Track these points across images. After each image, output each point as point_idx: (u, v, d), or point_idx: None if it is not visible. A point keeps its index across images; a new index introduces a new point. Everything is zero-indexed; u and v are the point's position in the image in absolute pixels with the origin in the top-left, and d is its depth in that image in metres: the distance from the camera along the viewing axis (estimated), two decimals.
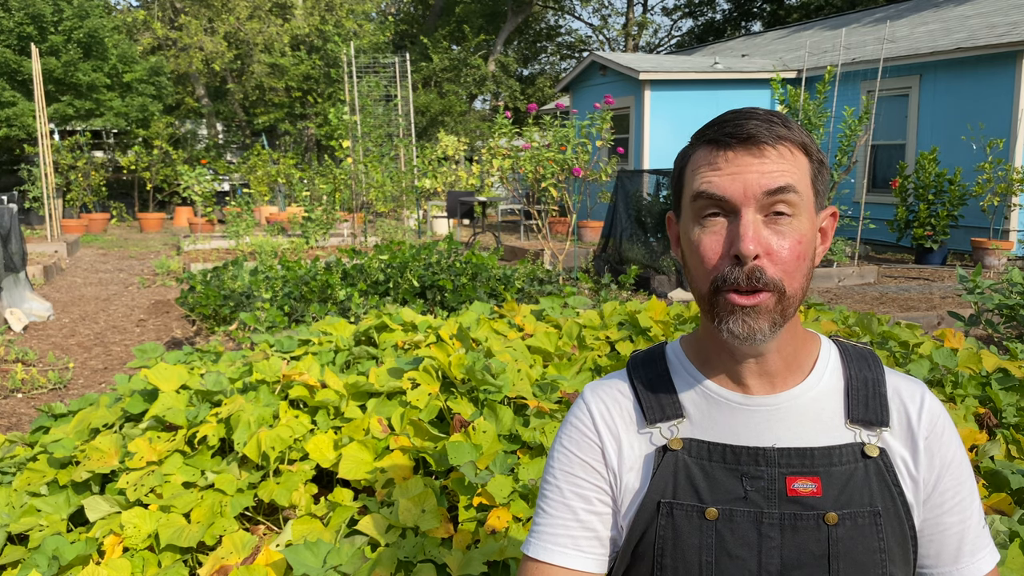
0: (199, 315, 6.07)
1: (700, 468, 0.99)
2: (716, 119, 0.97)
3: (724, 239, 0.93)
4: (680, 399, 1.03)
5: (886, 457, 0.98)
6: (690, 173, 0.99)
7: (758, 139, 0.93)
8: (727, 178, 0.93)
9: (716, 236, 0.94)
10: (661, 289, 8.01)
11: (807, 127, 9.22)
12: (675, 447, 1.00)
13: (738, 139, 0.93)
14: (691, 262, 0.98)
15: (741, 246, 0.91)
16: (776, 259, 0.92)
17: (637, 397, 1.05)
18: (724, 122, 0.95)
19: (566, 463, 1.05)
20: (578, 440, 1.05)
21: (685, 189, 1.00)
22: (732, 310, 0.93)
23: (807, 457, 0.97)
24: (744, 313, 0.93)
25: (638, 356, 1.11)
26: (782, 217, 0.93)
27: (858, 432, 0.99)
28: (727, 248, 0.93)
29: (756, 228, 0.92)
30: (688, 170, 0.99)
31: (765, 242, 0.92)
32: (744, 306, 0.92)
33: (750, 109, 0.96)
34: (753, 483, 0.97)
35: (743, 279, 0.91)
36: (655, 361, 1.08)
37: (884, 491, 0.97)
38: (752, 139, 0.93)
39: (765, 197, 0.92)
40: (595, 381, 1.11)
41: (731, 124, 0.94)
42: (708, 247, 0.94)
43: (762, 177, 0.92)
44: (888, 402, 1.01)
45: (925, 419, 1.01)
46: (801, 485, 0.96)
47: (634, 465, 1.02)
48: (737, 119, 0.94)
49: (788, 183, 0.92)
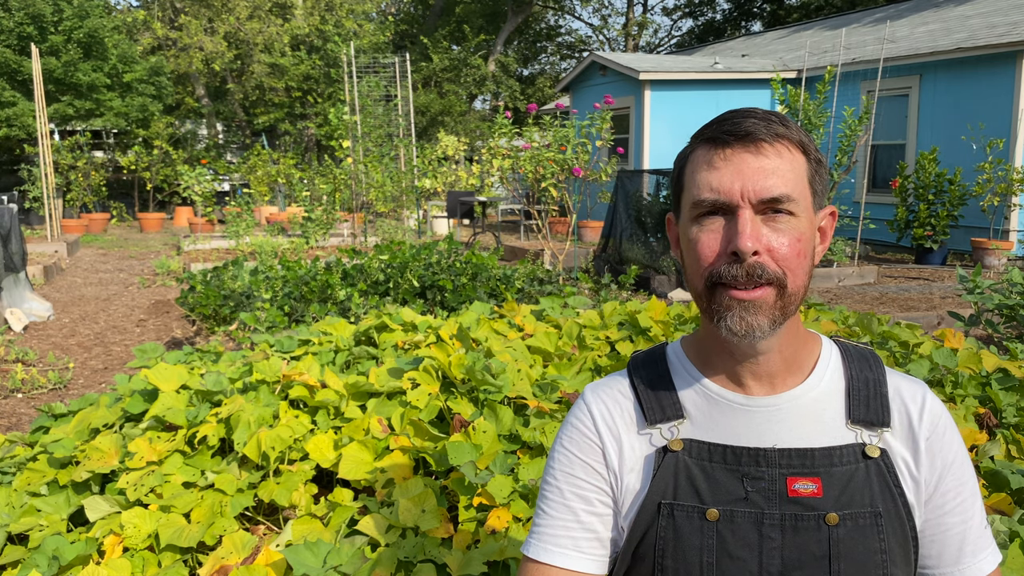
0: (199, 315, 6.07)
1: (701, 469, 0.99)
2: (715, 119, 0.98)
3: (722, 237, 0.93)
4: (681, 400, 1.03)
5: (887, 458, 0.98)
6: (689, 173, 0.99)
7: (756, 136, 0.93)
8: (726, 176, 0.93)
9: (714, 234, 0.94)
10: (661, 289, 8.01)
11: (807, 127, 9.22)
12: (675, 448, 1.00)
13: (736, 137, 0.93)
14: (689, 260, 0.98)
15: (739, 243, 0.90)
16: (776, 255, 0.92)
17: (638, 398, 1.05)
18: (722, 121, 0.96)
19: (566, 464, 1.05)
20: (579, 441, 1.05)
21: (684, 189, 1.00)
22: (730, 306, 0.93)
23: (807, 458, 0.96)
24: (743, 308, 0.92)
25: (639, 356, 1.11)
26: (780, 215, 0.93)
27: (859, 433, 0.99)
28: (724, 245, 0.93)
29: (754, 225, 0.92)
30: (687, 170, 0.99)
31: (764, 239, 0.92)
32: (743, 300, 0.92)
33: (748, 109, 0.97)
34: (754, 484, 0.96)
35: (742, 276, 0.91)
36: (656, 362, 1.08)
37: (885, 492, 0.97)
38: (750, 136, 0.93)
39: (761, 204, 0.92)
40: (596, 382, 1.11)
41: (729, 123, 0.95)
42: (705, 244, 0.94)
43: (760, 176, 0.92)
44: (889, 403, 1.01)
45: (927, 419, 1.00)
46: (802, 486, 0.95)
47: (635, 466, 1.02)
48: (735, 118, 0.95)
49: (784, 192, 0.92)
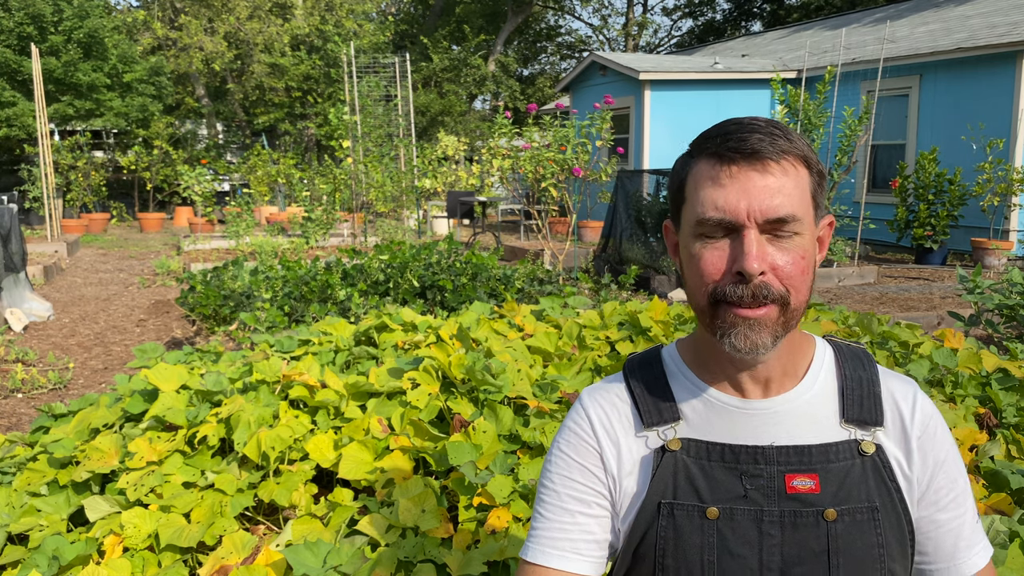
0: (199, 315, 6.07)
1: (699, 468, 0.99)
2: (717, 130, 0.96)
3: (727, 256, 0.93)
4: (677, 402, 1.04)
5: (882, 453, 0.99)
6: (692, 187, 0.97)
7: (762, 155, 0.92)
8: (731, 196, 0.91)
9: (718, 252, 0.93)
10: (661, 289, 8.02)
11: (807, 127, 9.22)
12: (674, 448, 1.00)
13: (742, 154, 0.92)
14: (690, 275, 0.98)
15: (746, 264, 0.90)
16: (781, 274, 0.92)
17: (634, 401, 1.06)
18: (727, 135, 0.93)
19: (564, 467, 1.05)
20: (576, 445, 1.05)
21: (686, 202, 0.98)
22: (735, 323, 0.93)
23: (805, 455, 0.98)
24: (747, 326, 0.92)
25: (635, 359, 1.12)
26: (785, 234, 0.93)
27: (853, 431, 1.00)
28: (730, 265, 0.93)
29: (760, 246, 0.91)
30: (689, 183, 0.98)
31: (769, 259, 0.92)
32: (748, 318, 0.92)
33: (751, 121, 0.95)
34: (752, 481, 0.97)
35: (748, 296, 0.91)
36: (651, 364, 1.09)
37: (881, 487, 0.98)
38: (756, 155, 0.92)
39: (767, 224, 0.92)
40: (592, 386, 1.12)
41: (734, 138, 0.92)
42: (709, 263, 0.94)
43: (766, 196, 0.91)
44: (882, 402, 1.02)
45: (918, 419, 1.02)
46: (800, 482, 0.97)
47: (633, 469, 1.03)
48: (740, 132, 0.93)
49: (790, 212, 0.92)
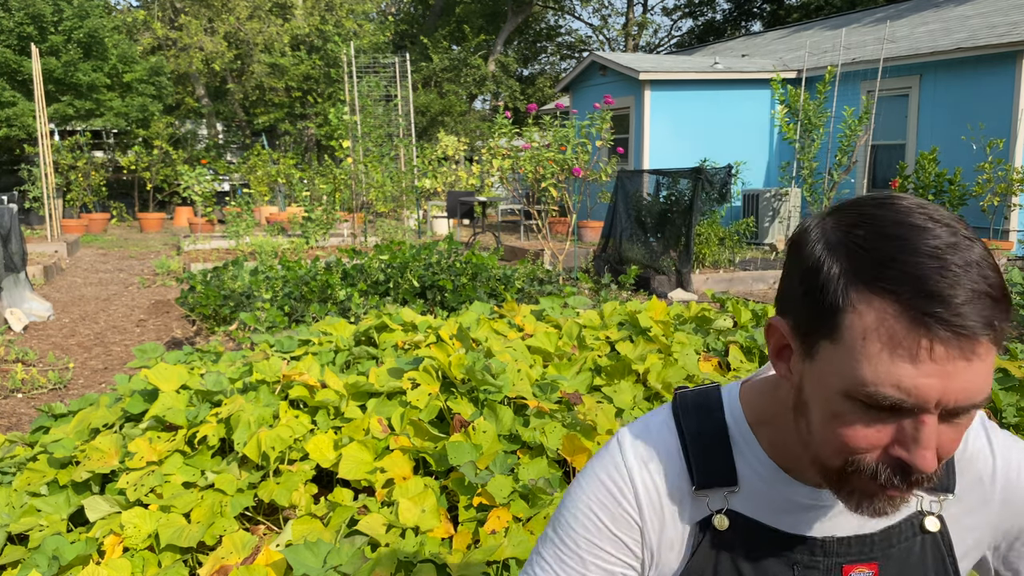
0: (199, 315, 6.08)
1: (746, 549, 0.90)
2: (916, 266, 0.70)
3: (888, 435, 0.74)
4: (737, 467, 0.91)
5: (945, 530, 0.92)
6: (857, 333, 0.72)
7: (977, 336, 0.69)
8: (925, 383, 0.70)
9: (880, 431, 0.74)
10: (661, 289, 8.02)
11: (807, 127, 9.23)
12: (721, 527, 0.90)
13: (955, 333, 0.69)
14: (823, 430, 0.78)
15: (919, 462, 0.72)
16: (944, 453, 0.75)
17: (687, 456, 0.92)
18: (941, 299, 0.69)
19: (594, 533, 0.91)
20: (614, 513, 0.91)
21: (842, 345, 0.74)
22: (873, 494, 0.77)
23: (866, 544, 0.90)
24: (888, 502, 0.78)
25: (687, 401, 0.95)
26: (964, 418, 0.75)
27: (920, 500, 0.91)
28: (891, 446, 0.75)
29: (937, 436, 0.73)
30: (854, 324, 0.73)
31: (941, 447, 0.75)
32: (893, 497, 0.78)
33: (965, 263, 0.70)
34: (806, 573, 0.89)
35: (905, 487, 0.76)
36: (710, 412, 0.94)
37: (939, 566, 0.92)
38: (971, 338, 0.69)
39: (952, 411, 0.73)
40: (635, 432, 0.95)
41: (951, 308, 0.68)
42: (863, 437, 0.75)
43: (968, 390, 0.71)
44: (955, 464, 0.92)
45: (1000, 471, 0.92)
46: (858, 573, 0.89)
47: (675, 543, 0.92)
48: (958, 296, 0.69)
49: (984, 399, 0.73)
